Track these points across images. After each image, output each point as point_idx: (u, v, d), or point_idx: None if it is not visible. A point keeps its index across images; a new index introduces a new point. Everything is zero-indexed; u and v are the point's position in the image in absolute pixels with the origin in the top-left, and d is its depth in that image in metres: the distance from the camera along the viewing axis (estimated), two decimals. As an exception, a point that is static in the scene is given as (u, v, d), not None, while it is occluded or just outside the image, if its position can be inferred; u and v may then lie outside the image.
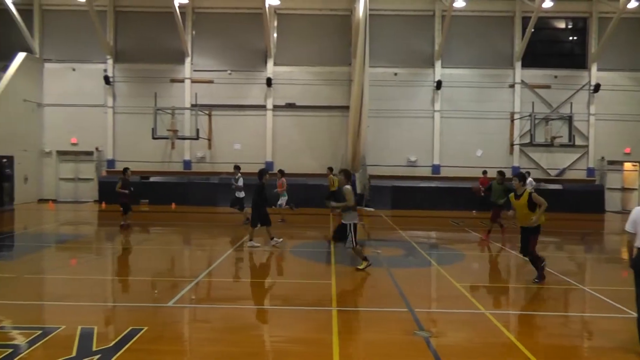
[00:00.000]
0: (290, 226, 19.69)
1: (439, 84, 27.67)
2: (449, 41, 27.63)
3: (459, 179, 26.23)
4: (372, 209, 25.48)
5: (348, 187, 11.34)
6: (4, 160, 24.43)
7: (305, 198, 24.98)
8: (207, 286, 10.30)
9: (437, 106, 28.01)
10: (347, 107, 26.49)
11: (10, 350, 6.47)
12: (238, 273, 11.66)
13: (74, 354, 6.38)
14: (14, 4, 26.98)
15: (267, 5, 25.76)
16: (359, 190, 26.71)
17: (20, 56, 27.04)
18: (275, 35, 28.14)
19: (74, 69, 28.94)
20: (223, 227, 20.14)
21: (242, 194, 18.91)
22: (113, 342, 6.73)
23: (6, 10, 26.91)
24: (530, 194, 10.20)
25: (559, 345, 7.18)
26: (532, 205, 10.13)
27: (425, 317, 8.10)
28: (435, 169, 27.98)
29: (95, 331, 7.22)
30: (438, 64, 28.03)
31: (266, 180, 14.24)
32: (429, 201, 25.79)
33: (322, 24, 28.35)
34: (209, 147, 27.82)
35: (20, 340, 6.92)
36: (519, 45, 27.72)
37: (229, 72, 28.17)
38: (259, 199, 14.05)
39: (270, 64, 28.02)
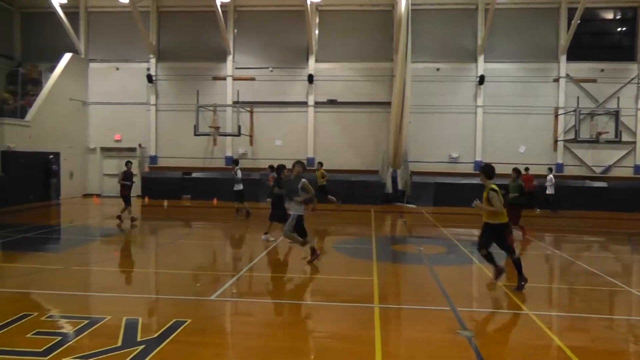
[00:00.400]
0: (332, 222, 19.71)
1: (481, 79, 27.22)
2: (493, 35, 27.15)
3: (502, 176, 25.51)
4: (413, 206, 25.30)
5: (305, 180, 11.60)
6: (51, 156, 25.09)
7: (347, 194, 25.03)
8: (249, 281, 10.43)
9: (480, 101, 27.57)
10: (388, 103, 26.32)
11: (59, 339, 6.71)
12: (279, 268, 11.72)
13: (119, 343, 6.55)
14: (61, 6, 27.77)
15: (308, 2, 25.81)
16: (400, 187, 26.62)
17: (67, 57, 27.95)
18: (316, 32, 28.13)
19: (117, 69, 29.67)
20: (265, 222, 20.19)
21: (240, 187, 19.31)
22: (157, 334, 6.89)
23: (53, 13, 27.77)
24: (490, 190, 9.56)
25: (604, 349, 7.04)
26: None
27: (467, 316, 8.01)
28: (478, 165, 27.50)
29: (140, 322, 7.40)
30: (481, 58, 27.55)
31: (284, 176, 14.10)
32: (471, 198, 25.21)
33: (364, 19, 28.17)
34: (251, 143, 28.08)
35: (67, 329, 7.16)
36: (565, 38, 27.01)
37: (270, 69, 28.33)
38: (279, 194, 14.06)
39: (311, 60, 28.04)
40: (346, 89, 27.95)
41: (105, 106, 29.58)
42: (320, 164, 23.17)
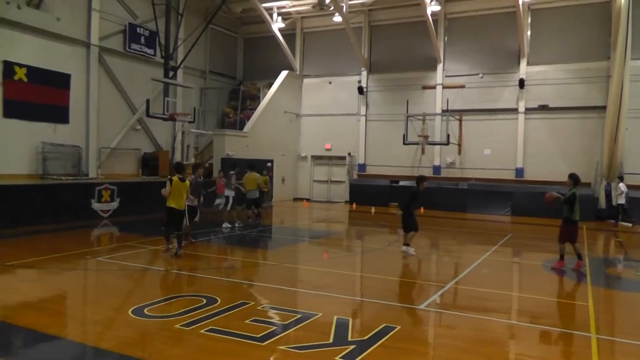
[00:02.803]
0: (542, 239, 18.25)
1: None
2: None
3: None
4: (629, 225, 22.21)
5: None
6: (269, 164, 26.74)
7: (558, 208, 23.01)
8: (457, 293, 10.13)
9: None
10: (603, 108, 23.94)
11: (274, 328, 7.18)
12: (487, 282, 11.21)
13: (330, 340, 6.74)
14: (280, 30, 30.59)
15: (520, 2, 24.54)
16: (614, 202, 23.56)
17: (283, 74, 30.57)
18: (528, 33, 26.47)
19: (330, 82, 31.27)
20: (471, 233, 19.65)
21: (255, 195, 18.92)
22: (367, 336, 6.94)
23: (272, 36, 30.73)
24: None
25: None
26: None
27: None
28: None
29: (350, 323, 7.61)
30: None
31: (422, 187, 13.65)
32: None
33: (579, 15, 25.62)
34: (459, 152, 27.37)
35: (281, 320, 7.60)
36: None
37: (480, 75, 27.37)
38: (412, 205, 13.67)
39: (523, 64, 26.45)
40: (558, 92, 25.77)
41: (317, 117, 31.48)
42: (268, 169, 22.35)
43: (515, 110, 26.62)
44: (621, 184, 21.30)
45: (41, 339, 6.63)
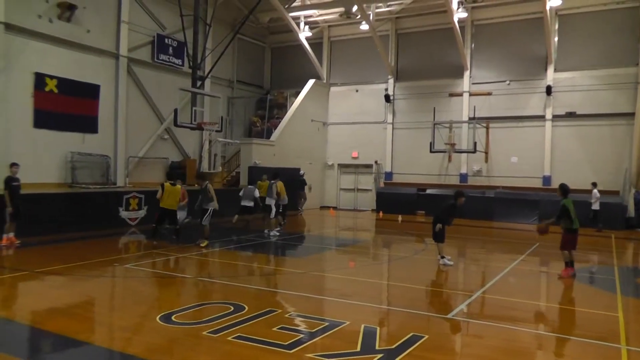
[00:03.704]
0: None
1: None
2: None
3: None
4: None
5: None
6: (302, 172, 26.95)
7: (586, 217, 22.66)
8: (485, 302, 9.98)
9: None
10: (632, 114, 23.55)
11: (301, 336, 7.15)
12: (514, 292, 11.05)
13: (358, 349, 6.68)
14: (307, 39, 30.76)
15: (547, 8, 24.27)
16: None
17: (310, 82, 30.67)
18: (556, 39, 26.12)
19: (356, 90, 31.29)
20: (498, 242, 19.46)
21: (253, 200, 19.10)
22: (395, 345, 6.87)
23: (299, 45, 30.84)
24: None
25: None
26: None
27: None
28: None
29: (378, 331, 7.54)
30: None
31: (460, 203, 13.28)
32: None
33: (607, 20, 25.18)
34: (486, 160, 27.01)
35: (309, 328, 7.56)
36: None
37: (507, 82, 27.10)
38: (446, 217, 13.42)
39: (550, 70, 26.08)
40: (586, 99, 25.33)
41: (343, 126, 31.51)
42: (267, 176, 20.67)
43: (542, 118, 26.27)
44: (595, 190, 21.51)
45: (70, 345, 6.71)
